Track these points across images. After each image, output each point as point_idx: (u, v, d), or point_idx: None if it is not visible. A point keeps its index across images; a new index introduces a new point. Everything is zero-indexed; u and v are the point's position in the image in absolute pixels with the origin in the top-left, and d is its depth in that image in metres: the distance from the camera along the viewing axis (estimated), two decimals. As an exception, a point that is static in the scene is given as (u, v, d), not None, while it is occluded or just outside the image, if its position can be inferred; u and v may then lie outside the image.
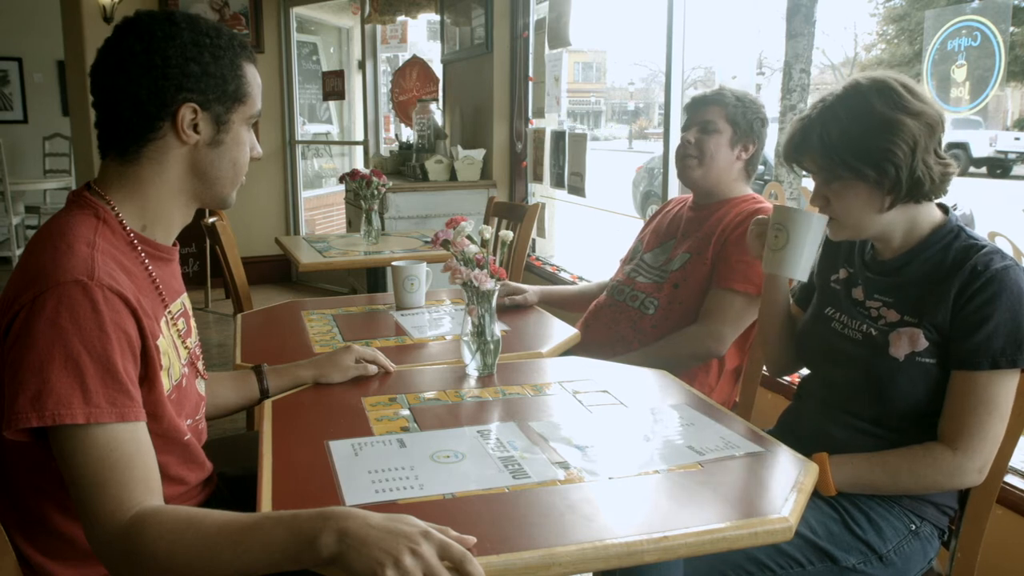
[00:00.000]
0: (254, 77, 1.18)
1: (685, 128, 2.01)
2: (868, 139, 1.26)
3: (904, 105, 1.27)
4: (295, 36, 5.81)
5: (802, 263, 1.39)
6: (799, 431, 1.44)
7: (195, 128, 1.12)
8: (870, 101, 1.28)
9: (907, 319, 1.30)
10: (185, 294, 1.27)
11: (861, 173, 1.27)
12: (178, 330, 1.19)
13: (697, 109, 1.98)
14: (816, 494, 1.30)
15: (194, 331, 1.28)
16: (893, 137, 1.25)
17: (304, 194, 6.05)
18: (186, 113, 1.10)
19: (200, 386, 1.28)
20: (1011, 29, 1.89)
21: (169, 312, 1.17)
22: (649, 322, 1.96)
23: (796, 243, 1.38)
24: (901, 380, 1.29)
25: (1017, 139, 11.94)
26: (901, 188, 1.27)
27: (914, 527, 1.31)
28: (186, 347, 1.22)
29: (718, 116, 1.94)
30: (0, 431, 0.97)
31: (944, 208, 1.36)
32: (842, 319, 1.41)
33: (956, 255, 1.28)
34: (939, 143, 1.30)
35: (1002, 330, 1.21)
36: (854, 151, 1.27)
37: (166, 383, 1.11)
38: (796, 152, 1.36)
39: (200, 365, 1.29)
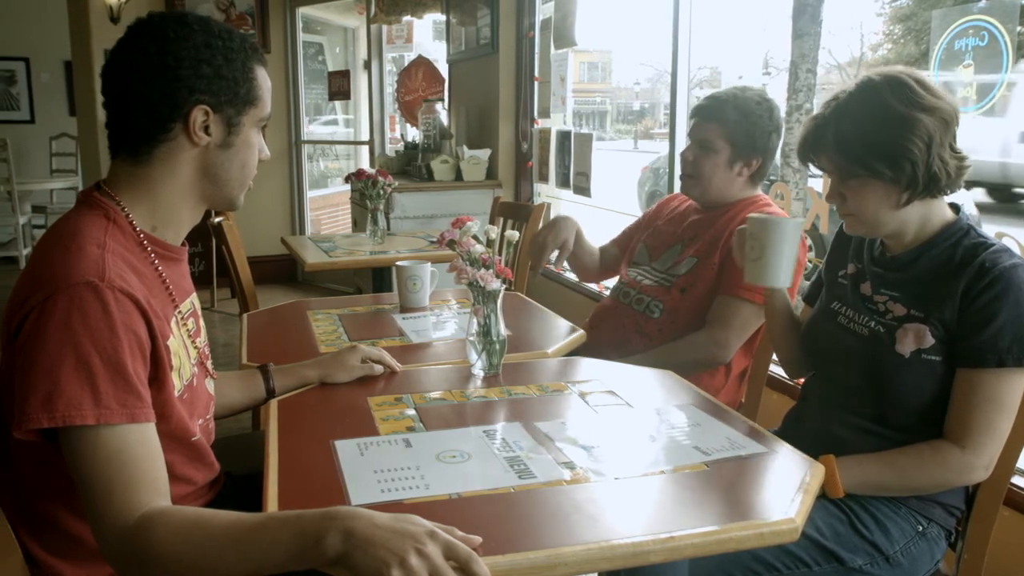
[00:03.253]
0: (264, 80, 1.18)
1: (689, 136, 1.99)
2: (883, 137, 1.26)
3: (918, 101, 1.26)
4: (301, 36, 5.82)
5: (780, 271, 1.39)
6: (804, 432, 1.43)
7: (206, 130, 1.12)
8: (884, 98, 1.27)
9: (914, 313, 1.30)
10: (194, 293, 1.27)
11: (877, 171, 1.27)
12: (188, 330, 1.20)
13: (699, 122, 1.96)
14: (823, 494, 1.29)
15: (203, 330, 1.28)
16: (908, 134, 1.25)
17: (310, 194, 6.06)
18: (198, 115, 1.10)
19: (209, 385, 1.28)
20: (1019, 29, 1.88)
21: (179, 312, 1.17)
22: (655, 326, 1.96)
23: (771, 252, 1.39)
24: (906, 377, 1.28)
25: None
26: (918, 184, 1.27)
27: (921, 528, 1.30)
28: (196, 347, 1.22)
29: (716, 136, 1.91)
30: (10, 431, 0.98)
31: (955, 207, 1.36)
32: (848, 313, 1.41)
33: (965, 252, 1.28)
34: (954, 137, 1.29)
35: (1008, 328, 1.21)
36: (869, 149, 1.27)
37: (177, 383, 1.11)
38: (811, 151, 1.36)
39: (209, 364, 1.29)
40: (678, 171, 2.07)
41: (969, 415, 1.23)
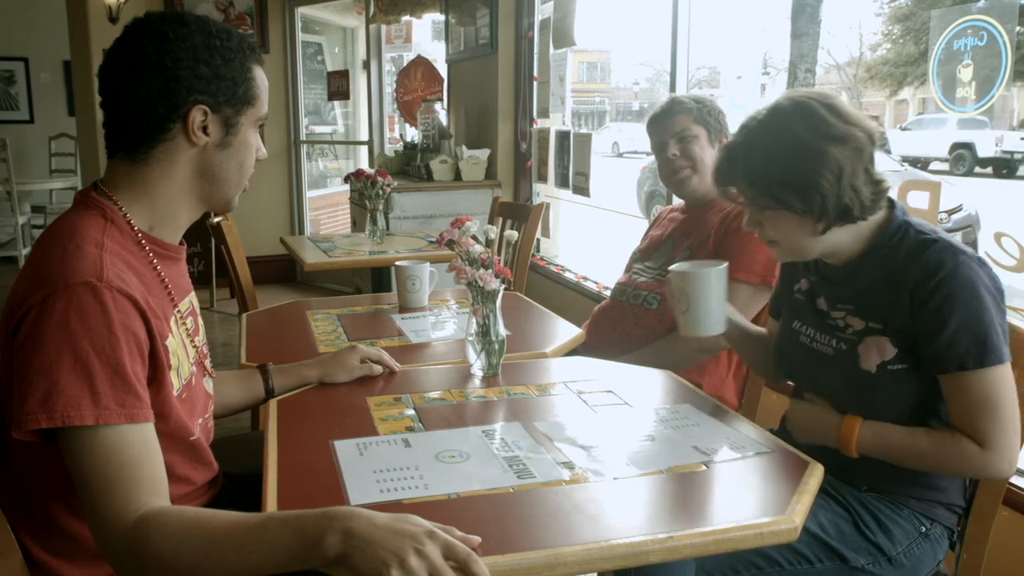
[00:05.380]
0: (262, 79, 1.18)
1: (660, 147, 2.01)
2: (791, 169, 1.24)
3: (828, 131, 1.23)
4: (300, 36, 5.81)
5: (711, 321, 1.39)
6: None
7: (204, 130, 1.12)
8: (792, 128, 1.24)
9: (872, 326, 1.28)
10: (193, 292, 1.27)
11: (787, 203, 1.25)
12: (187, 329, 1.20)
13: (663, 124, 2.00)
14: (827, 493, 1.29)
15: (202, 329, 1.28)
16: (817, 167, 1.22)
17: (309, 194, 6.06)
18: (196, 115, 1.10)
19: (208, 385, 1.28)
20: (1017, 29, 1.88)
21: (178, 311, 1.17)
22: (654, 317, 1.97)
23: (697, 304, 1.38)
24: (879, 391, 1.27)
25: (1023, 139, 11.89)
26: (829, 216, 1.24)
27: (924, 529, 1.30)
28: (194, 345, 1.22)
29: (688, 122, 1.98)
30: (9, 431, 0.98)
31: (890, 201, 1.31)
32: (810, 332, 1.38)
33: (908, 254, 1.25)
34: (871, 160, 1.25)
35: (963, 330, 1.18)
36: (778, 181, 1.25)
37: (176, 383, 1.11)
38: (725, 179, 1.34)
39: (208, 363, 1.29)
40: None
41: (970, 418, 1.20)
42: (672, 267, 1.42)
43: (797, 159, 1.23)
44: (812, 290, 1.40)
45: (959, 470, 1.25)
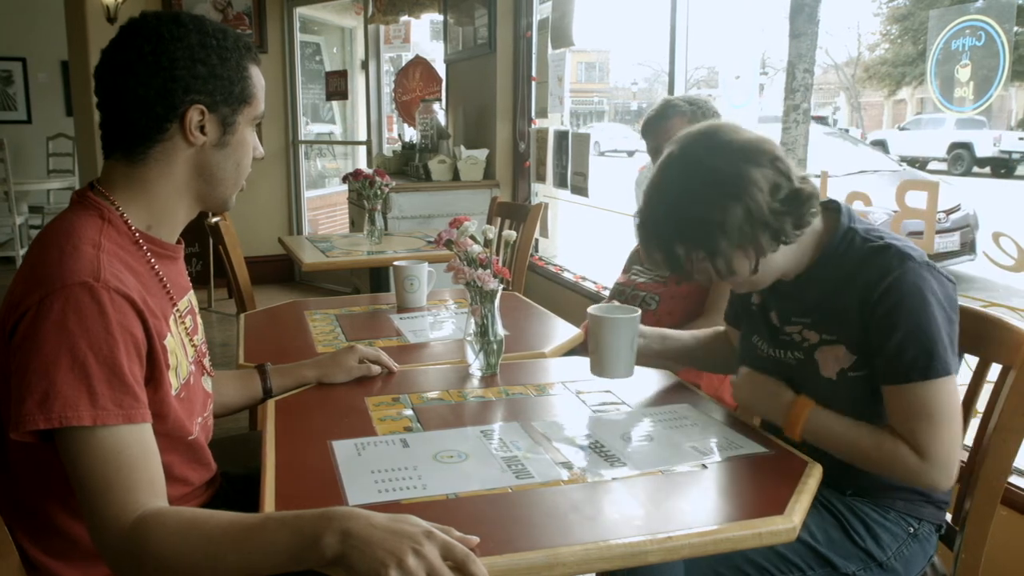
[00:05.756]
0: (259, 78, 1.18)
1: (655, 151, 1.97)
2: (694, 234, 1.21)
3: (718, 180, 1.18)
4: (298, 36, 5.81)
5: (615, 365, 1.39)
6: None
7: (202, 130, 1.11)
8: (685, 190, 1.21)
9: (826, 338, 1.26)
10: (191, 291, 1.27)
11: (702, 264, 1.23)
12: (186, 327, 1.20)
13: (658, 128, 1.97)
14: (816, 501, 1.29)
15: (200, 328, 1.28)
16: (718, 225, 1.18)
17: (307, 194, 6.05)
18: (194, 115, 1.10)
19: (207, 383, 1.28)
20: (1015, 29, 1.89)
21: (177, 310, 1.17)
22: (652, 318, 1.97)
23: (605, 347, 1.38)
24: (840, 396, 1.25)
25: (1021, 139, 11.93)
26: (755, 252, 1.21)
27: (912, 529, 1.29)
28: (193, 344, 1.22)
29: (683, 126, 1.90)
30: (7, 432, 0.97)
31: (834, 207, 1.28)
32: (765, 348, 1.36)
33: (855, 263, 1.23)
34: (782, 175, 1.20)
35: (910, 340, 1.15)
36: (688, 245, 1.22)
37: (174, 382, 1.11)
38: (648, 252, 1.31)
39: (206, 362, 1.29)
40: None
41: (909, 426, 1.17)
42: (589, 309, 1.42)
43: (695, 223, 1.20)
44: (764, 304, 1.38)
45: (898, 474, 1.22)
